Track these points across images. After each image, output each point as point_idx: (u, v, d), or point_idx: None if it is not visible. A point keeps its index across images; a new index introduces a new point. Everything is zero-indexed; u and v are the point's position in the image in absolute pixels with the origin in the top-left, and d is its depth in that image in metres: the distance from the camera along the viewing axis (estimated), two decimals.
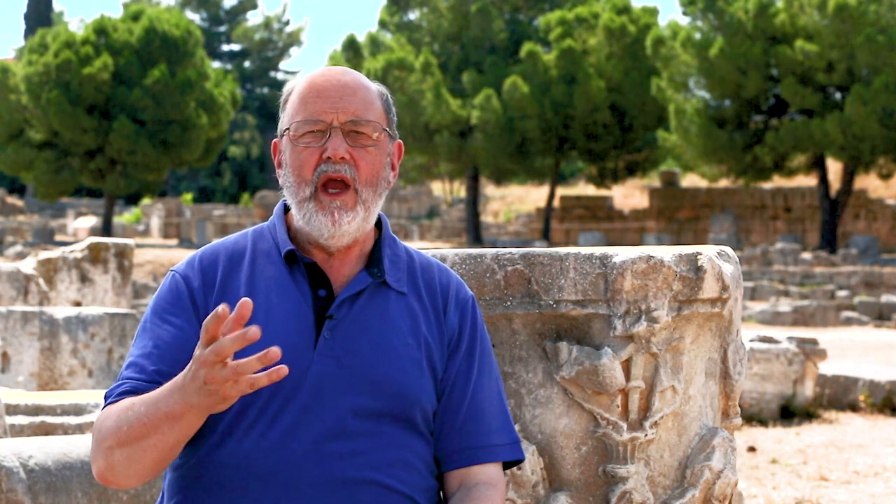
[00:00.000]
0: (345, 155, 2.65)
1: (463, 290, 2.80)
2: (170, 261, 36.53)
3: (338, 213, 2.64)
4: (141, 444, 2.50)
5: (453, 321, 2.74)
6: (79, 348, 9.19)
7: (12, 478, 4.12)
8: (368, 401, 2.62)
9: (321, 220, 2.65)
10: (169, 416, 2.45)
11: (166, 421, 2.46)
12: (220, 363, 2.34)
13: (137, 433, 2.49)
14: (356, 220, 2.66)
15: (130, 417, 2.50)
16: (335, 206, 2.65)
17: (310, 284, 2.68)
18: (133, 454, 2.52)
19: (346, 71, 2.74)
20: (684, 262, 3.39)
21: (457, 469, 2.71)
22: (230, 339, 2.33)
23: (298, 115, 2.69)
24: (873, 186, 52.67)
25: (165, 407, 2.45)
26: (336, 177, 2.65)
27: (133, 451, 2.51)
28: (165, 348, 2.62)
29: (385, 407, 2.63)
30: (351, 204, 2.65)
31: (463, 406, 2.71)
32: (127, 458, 2.52)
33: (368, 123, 2.69)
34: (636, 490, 3.34)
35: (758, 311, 26.71)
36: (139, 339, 2.66)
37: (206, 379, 2.36)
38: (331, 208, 2.64)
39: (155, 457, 2.52)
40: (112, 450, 2.53)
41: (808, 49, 40.20)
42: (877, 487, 9.02)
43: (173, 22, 47.88)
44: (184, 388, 2.41)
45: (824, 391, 12.99)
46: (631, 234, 49.75)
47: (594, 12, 47.04)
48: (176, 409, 2.44)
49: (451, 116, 45.63)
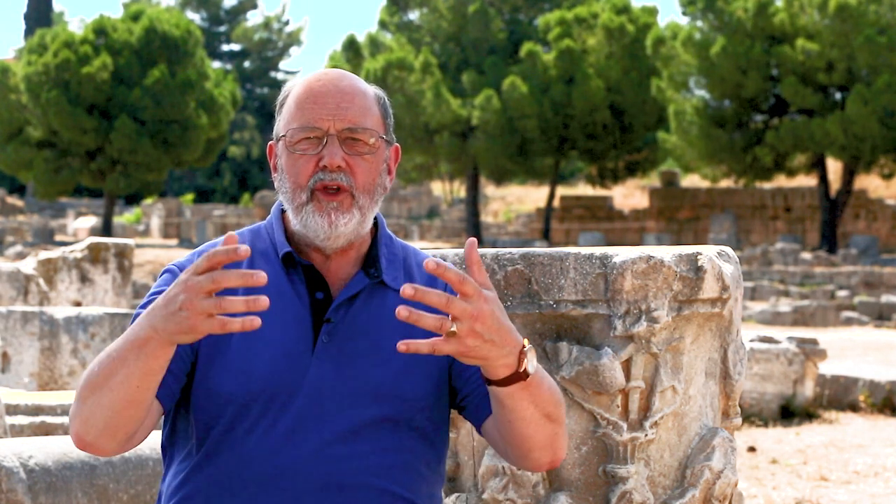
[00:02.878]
0: (341, 164, 2.64)
1: None
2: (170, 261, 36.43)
3: (334, 214, 2.63)
4: (109, 382, 2.44)
5: None
6: (79, 348, 9.19)
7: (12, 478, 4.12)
8: (368, 405, 2.60)
9: (318, 222, 2.64)
10: (135, 343, 2.40)
11: (132, 349, 2.40)
12: (207, 293, 2.30)
13: (107, 370, 2.44)
14: (352, 222, 2.65)
15: (102, 359, 2.46)
16: (332, 206, 2.63)
17: (307, 287, 2.67)
18: (103, 397, 2.45)
19: (344, 75, 2.72)
20: (684, 262, 3.39)
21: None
22: (236, 275, 2.29)
23: (294, 122, 2.67)
24: (873, 186, 52.68)
25: (132, 335, 2.41)
26: (332, 185, 2.64)
27: (103, 392, 2.45)
28: None
29: (385, 411, 2.62)
30: (347, 205, 2.64)
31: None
32: (98, 403, 2.46)
33: (365, 131, 2.67)
34: (636, 490, 3.34)
35: (758, 311, 26.72)
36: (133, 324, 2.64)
37: (184, 304, 2.30)
38: (328, 209, 2.63)
39: (123, 397, 2.44)
40: (86, 400, 2.48)
41: (809, 49, 40.20)
42: (877, 487, 9.02)
43: (173, 22, 47.89)
44: (153, 311, 2.37)
45: (824, 391, 13.00)
46: (631, 234, 49.75)
47: (593, 12, 47.04)
48: (141, 335, 2.38)
49: (450, 116, 45.63)
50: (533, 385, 2.49)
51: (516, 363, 2.44)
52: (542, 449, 2.61)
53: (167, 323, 2.34)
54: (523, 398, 2.50)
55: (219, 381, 2.60)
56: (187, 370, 2.62)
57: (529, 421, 2.55)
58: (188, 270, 2.33)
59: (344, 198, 2.64)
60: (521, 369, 2.45)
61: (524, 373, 2.46)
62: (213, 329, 2.31)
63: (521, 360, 2.45)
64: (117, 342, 2.46)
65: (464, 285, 2.36)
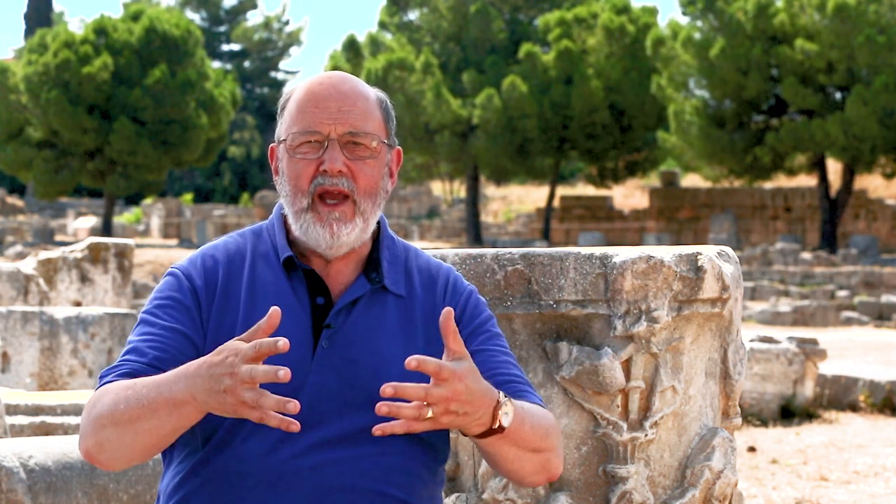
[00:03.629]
0: (342, 168, 2.62)
1: (461, 282, 2.78)
2: (170, 261, 36.52)
3: (336, 225, 2.62)
4: (135, 425, 2.46)
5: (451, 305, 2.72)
6: (79, 348, 9.19)
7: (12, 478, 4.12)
8: (368, 410, 2.59)
9: (319, 232, 2.63)
10: (170, 401, 2.41)
11: (165, 406, 2.42)
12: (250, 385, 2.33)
13: (134, 413, 2.45)
14: (355, 232, 2.64)
15: (129, 397, 2.46)
16: (333, 217, 2.62)
17: (308, 292, 2.66)
18: (125, 435, 2.48)
19: (345, 78, 2.70)
20: (684, 262, 3.39)
21: None
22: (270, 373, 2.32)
23: (295, 126, 2.66)
24: (873, 186, 52.68)
25: (168, 392, 2.42)
26: (333, 190, 2.63)
27: (126, 431, 2.47)
28: (167, 338, 2.60)
29: (383, 416, 2.62)
30: (349, 215, 2.63)
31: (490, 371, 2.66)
32: (118, 438, 2.48)
33: (367, 135, 2.66)
34: (636, 490, 3.34)
35: (758, 311, 26.71)
36: (140, 328, 2.64)
37: (229, 390, 2.34)
38: (329, 220, 2.62)
39: (146, 441, 2.48)
40: (105, 427, 2.49)
41: (809, 49, 40.20)
42: (877, 487, 9.02)
43: (173, 22, 47.89)
44: (195, 379, 2.38)
45: (824, 391, 13.00)
46: (631, 234, 49.75)
47: (593, 12, 47.04)
48: (178, 397, 2.40)
49: (451, 116, 45.63)
50: (511, 433, 2.52)
51: (490, 420, 2.48)
52: (533, 475, 2.64)
53: (208, 398, 2.38)
54: (503, 444, 2.54)
55: None
56: None
57: (514, 459, 2.59)
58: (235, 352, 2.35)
59: (346, 208, 2.63)
60: (496, 426, 2.49)
61: (499, 428, 2.50)
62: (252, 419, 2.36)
63: (495, 417, 2.48)
64: (149, 387, 2.46)
65: (440, 373, 2.39)
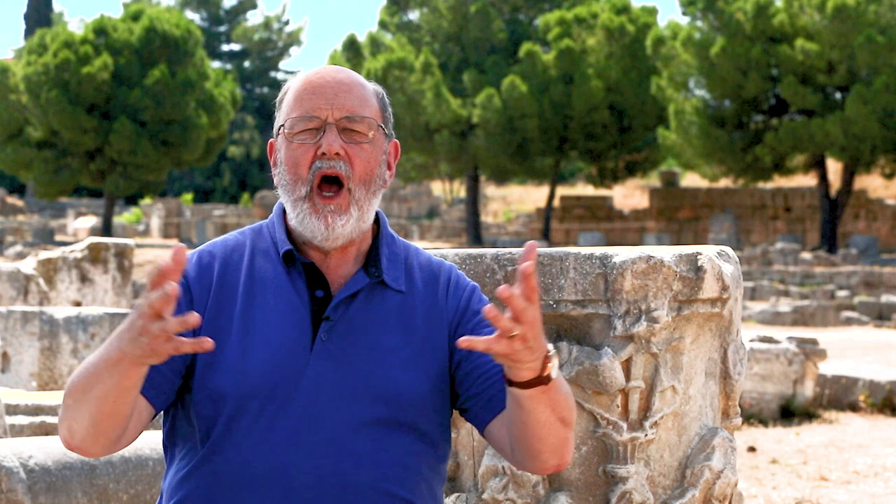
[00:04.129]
0: (339, 150, 2.65)
1: (462, 280, 2.79)
2: None
3: (331, 217, 2.64)
4: (88, 395, 2.51)
5: (453, 304, 2.73)
6: (79, 348, 9.19)
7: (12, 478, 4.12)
8: (366, 404, 2.60)
9: (314, 224, 2.64)
10: (108, 362, 2.46)
11: (106, 368, 2.47)
12: (156, 317, 2.35)
13: (86, 383, 2.51)
14: (350, 223, 2.65)
15: (81, 371, 2.53)
16: (329, 209, 2.64)
17: (307, 285, 2.67)
18: (83, 408, 2.52)
19: (342, 69, 2.74)
20: (684, 262, 3.39)
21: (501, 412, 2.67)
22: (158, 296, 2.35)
23: (294, 112, 2.69)
24: (873, 186, 52.68)
25: (106, 353, 2.47)
26: (331, 173, 2.64)
27: (83, 404, 2.52)
28: None
29: (383, 410, 2.62)
30: (344, 206, 2.65)
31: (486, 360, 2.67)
32: (80, 413, 2.54)
33: (363, 120, 2.68)
34: (636, 490, 3.34)
35: (758, 311, 26.71)
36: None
37: (141, 330, 2.37)
38: (324, 212, 2.64)
39: (101, 409, 2.51)
40: (69, 408, 2.56)
41: (808, 49, 40.21)
42: (877, 487, 9.02)
43: (173, 22, 47.89)
44: (121, 334, 2.43)
45: (824, 391, 12.99)
46: (631, 234, 49.75)
47: (593, 12, 47.04)
48: (113, 355, 2.45)
49: (451, 116, 45.63)
50: (553, 389, 2.53)
51: (540, 367, 2.49)
52: (551, 451, 2.63)
53: (132, 347, 2.41)
54: (542, 401, 2.54)
55: (217, 380, 2.60)
56: (181, 371, 2.63)
57: (544, 424, 2.58)
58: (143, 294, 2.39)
59: (341, 199, 2.65)
60: (545, 374, 2.50)
61: (547, 377, 2.50)
62: (169, 351, 2.37)
63: (545, 365, 2.50)
64: (96, 354, 2.52)
65: (534, 293, 2.41)
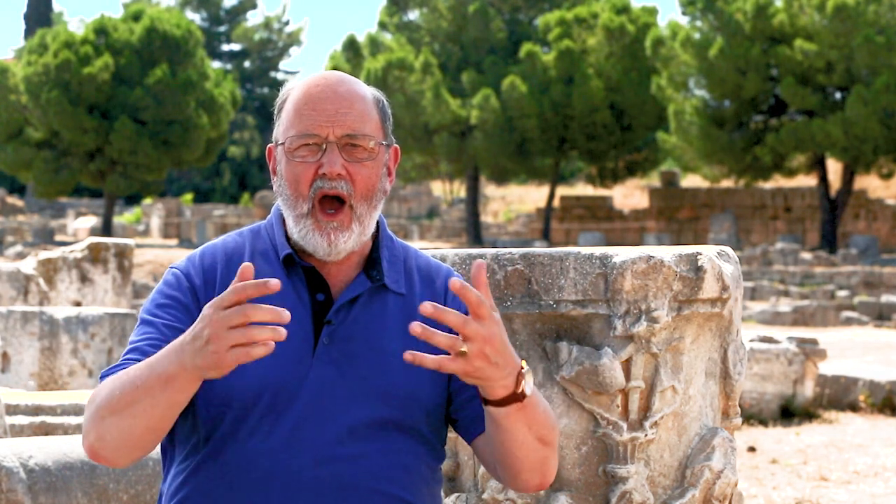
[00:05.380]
0: (341, 171, 2.63)
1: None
2: (170, 261, 36.53)
3: (334, 234, 2.63)
4: (132, 408, 2.46)
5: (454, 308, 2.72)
6: (79, 348, 9.19)
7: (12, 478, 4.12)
8: (368, 407, 2.60)
9: (317, 241, 2.64)
10: (161, 376, 2.42)
11: (158, 383, 2.43)
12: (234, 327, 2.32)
13: (130, 397, 2.46)
14: (352, 239, 2.65)
15: (125, 382, 2.48)
16: (332, 227, 2.63)
17: (308, 289, 2.67)
18: (123, 420, 2.48)
19: (342, 79, 2.71)
20: (684, 262, 3.39)
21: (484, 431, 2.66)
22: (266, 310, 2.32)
23: (293, 129, 2.66)
24: (873, 186, 52.68)
25: (159, 367, 2.43)
26: (332, 193, 2.64)
27: (124, 416, 2.48)
28: (168, 336, 2.60)
29: (385, 413, 2.62)
30: (347, 223, 2.64)
31: None
32: (117, 425, 2.49)
33: (365, 137, 2.66)
34: (636, 490, 3.34)
35: (758, 311, 26.71)
36: (140, 328, 2.65)
37: (211, 338, 2.33)
38: (327, 229, 2.63)
39: (145, 424, 2.48)
40: (104, 419, 2.50)
41: (808, 49, 40.20)
42: (877, 487, 9.02)
43: (174, 22, 47.89)
44: (181, 347, 2.39)
45: (824, 391, 12.99)
46: (631, 234, 49.76)
47: (593, 12, 47.05)
48: (170, 370, 2.41)
49: (450, 116, 45.64)
50: (529, 407, 2.52)
51: (514, 384, 2.47)
52: (531, 471, 2.63)
53: (195, 358, 2.36)
54: (518, 419, 2.53)
55: (220, 384, 2.60)
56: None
57: (522, 443, 2.58)
58: (212, 305, 2.35)
59: (343, 216, 2.64)
60: (519, 391, 2.48)
61: (521, 394, 2.49)
62: (239, 360, 2.33)
63: (518, 382, 2.48)
64: (141, 369, 2.47)
65: (480, 308, 2.38)
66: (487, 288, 2.43)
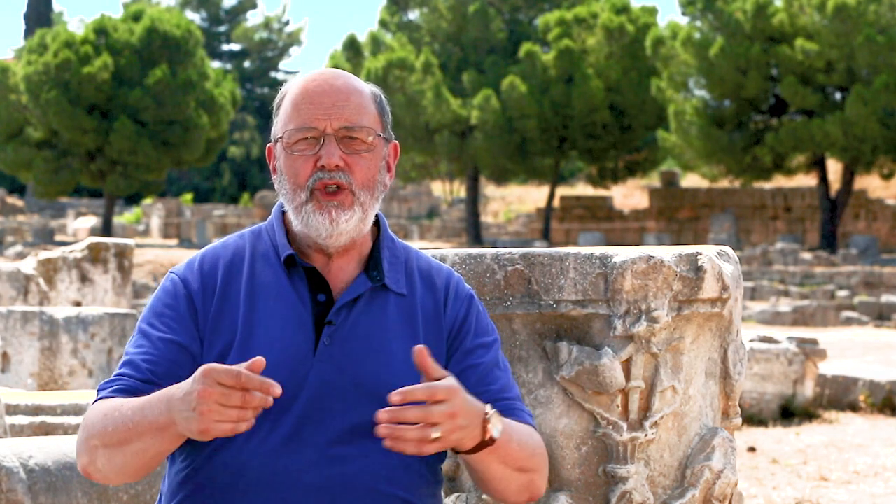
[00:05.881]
0: (339, 163, 2.64)
1: (462, 286, 2.79)
2: (170, 261, 36.53)
3: (335, 212, 2.63)
4: (124, 448, 2.50)
5: (452, 314, 2.72)
6: (79, 348, 9.19)
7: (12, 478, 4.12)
8: (369, 407, 2.60)
9: (319, 220, 2.64)
10: (153, 425, 2.45)
11: (150, 430, 2.46)
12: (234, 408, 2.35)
13: (122, 436, 2.49)
14: (353, 219, 2.65)
15: (117, 419, 2.50)
16: (332, 205, 2.63)
17: (309, 289, 2.67)
18: (115, 456, 2.52)
19: (339, 74, 2.72)
20: (684, 262, 3.39)
21: None
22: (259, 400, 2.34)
23: (291, 123, 2.67)
24: (873, 186, 52.67)
25: (151, 416, 2.45)
26: (331, 183, 2.64)
27: (116, 453, 2.52)
28: (162, 350, 2.61)
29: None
30: (349, 203, 2.64)
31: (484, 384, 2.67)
32: (109, 459, 2.53)
33: (362, 129, 2.67)
34: (636, 490, 3.34)
35: (758, 311, 26.71)
36: (136, 339, 2.66)
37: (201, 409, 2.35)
38: (328, 207, 2.63)
39: (137, 462, 2.52)
40: (97, 448, 2.54)
41: (808, 49, 40.20)
42: (877, 487, 9.02)
43: (174, 22, 47.88)
44: (171, 402, 2.41)
45: (824, 391, 12.99)
46: (631, 234, 49.75)
47: (593, 12, 47.04)
48: (160, 421, 2.44)
49: (451, 116, 45.63)
50: (500, 447, 2.53)
51: (482, 433, 2.48)
52: (516, 493, 2.66)
53: (182, 420, 2.39)
54: (492, 460, 2.54)
55: None
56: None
57: (501, 477, 2.59)
58: (209, 374, 2.35)
59: (344, 196, 2.65)
60: (487, 438, 2.49)
61: (490, 440, 2.50)
62: (225, 433, 2.36)
63: (485, 429, 2.48)
64: (135, 410, 2.49)
65: (435, 395, 2.39)
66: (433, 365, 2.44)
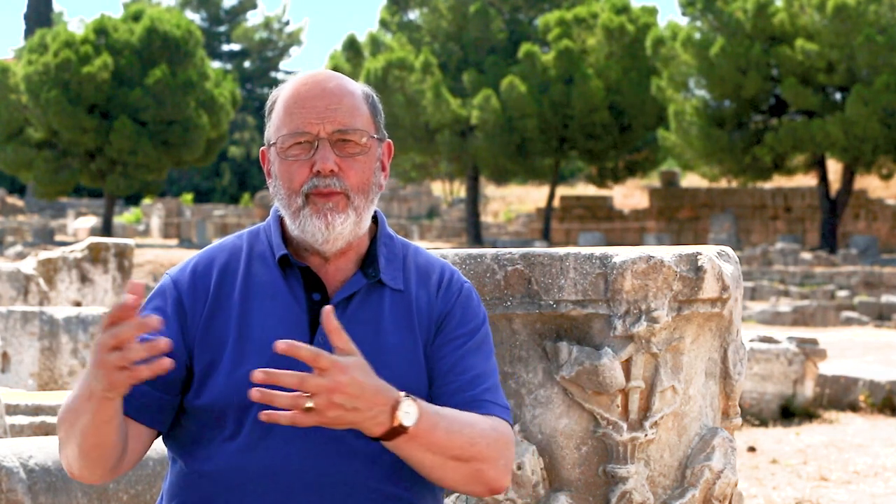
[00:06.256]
0: (334, 167, 2.63)
1: (456, 278, 2.77)
2: (170, 261, 36.53)
3: (330, 215, 2.62)
4: (73, 428, 2.55)
5: (440, 305, 2.71)
6: (79, 348, 9.19)
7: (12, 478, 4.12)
8: None
9: (315, 224, 2.63)
10: (83, 397, 2.50)
11: (82, 402, 2.50)
12: (112, 349, 2.36)
13: (70, 416, 2.55)
14: (349, 222, 2.64)
15: (66, 406, 2.57)
16: (328, 207, 2.63)
17: (304, 288, 2.67)
18: (71, 440, 2.56)
19: (330, 76, 2.71)
20: (684, 262, 3.39)
21: None
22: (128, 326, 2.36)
23: (284, 128, 2.66)
24: (873, 186, 52.67)
25: (80, 388, 2.51)
26: (325, 191, 2.64)
27: (70, 437, 2.56)
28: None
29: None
30: (343, 206, 2.64)
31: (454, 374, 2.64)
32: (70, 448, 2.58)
33: (356, 132, 2.66)
34: (636, 490, 3.34)
35: (758, 311, 26.71)
36: None
37: (98, 363, 2.39)
38: (324, 210, 2.63)
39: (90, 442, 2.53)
40: (64, 445, 2.60)
41: (808, 49, 40.20)
42: (877, 487, 9.02)
43: (174, 22, 47.88)
44: (88, 369, 2.46)
45: (824, 391, 12.99)
46: (631, 234, 49.75)
47: (593, 12, 47.04)
48: (85, 391, 2.48)
49: (451, 116, 45.62)
50: (421, 436, 2.47)
51: (390, 420, 2.43)
52: (464, 484, 2.59)
53: (94, 382, 2.43)
54: (414, 449, 2.49)
55: (216, 385, 2.61)
56: (176, 388, 2.65)
57: (434, 466, 2.53)
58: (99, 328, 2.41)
59: (339, 199, 2.64)
60: (396, 424, 2.44)
61: (400, 427, 2.44)
62: (126, 381, 2.38)
63: (394, 416, 2.43)
64: (73, 393, 2.56)
65: (318, 361, 2.36)
66: (339, 332, 2.41)
